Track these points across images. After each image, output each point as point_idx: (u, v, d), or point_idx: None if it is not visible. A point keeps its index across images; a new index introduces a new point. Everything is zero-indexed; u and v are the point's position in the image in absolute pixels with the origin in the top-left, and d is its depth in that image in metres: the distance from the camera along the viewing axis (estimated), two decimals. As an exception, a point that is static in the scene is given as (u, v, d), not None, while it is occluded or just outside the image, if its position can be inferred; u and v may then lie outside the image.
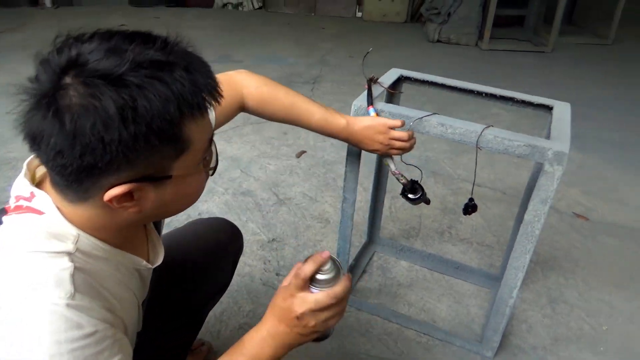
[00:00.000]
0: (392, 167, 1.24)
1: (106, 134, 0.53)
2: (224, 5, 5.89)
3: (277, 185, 2.27)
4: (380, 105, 1.24)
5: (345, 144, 1.26)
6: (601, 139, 2.91)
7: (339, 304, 0.71)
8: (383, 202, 1.81)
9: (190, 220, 1.24)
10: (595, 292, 1.74)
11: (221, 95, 0.63)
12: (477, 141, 1.14)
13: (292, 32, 5.02)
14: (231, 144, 2.63)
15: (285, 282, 0.73)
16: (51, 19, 5.17)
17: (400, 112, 1.19)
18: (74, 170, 0.56)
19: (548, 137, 1.27)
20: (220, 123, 0.97)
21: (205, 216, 2.02)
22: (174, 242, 1.03)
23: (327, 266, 0.72)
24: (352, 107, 1.25)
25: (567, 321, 1.61)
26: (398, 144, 1.14)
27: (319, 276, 0.71)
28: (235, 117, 1.10)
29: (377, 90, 1.28)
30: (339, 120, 1.13)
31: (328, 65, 3.92)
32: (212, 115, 0.88)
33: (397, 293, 1.68)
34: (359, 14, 5.77)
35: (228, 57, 4.13)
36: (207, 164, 0.68)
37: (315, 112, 1.11)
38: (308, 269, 0.70)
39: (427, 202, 1.31)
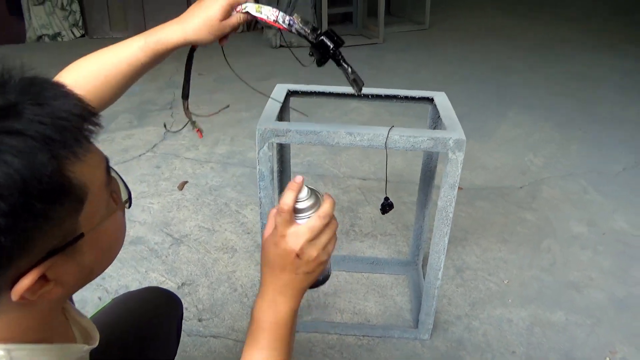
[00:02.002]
0: (272, 14, 0.91)
1: None
2: (39, 38, 5.26)
3: (167, 224, 2.11)
4: (290, 126, 1.22)
5: (229, 163, 1.21)
6: (449, 114, 3.25)
7: (331, 225, 0.68)
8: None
9: (115, 296, 1.09)
10: (489, 252, 1.95)
11: (94, 114, 0.51)
12: (385, 143, 1.19)
13: (128, 57, 4.68)
14: (100, 191, 2.37)
15: (267, 232, 0.68)
16: None
17: (309, 128, 1.19)
18: None
19: (433, 126, 1.39)
20: None
21: (97, 278, 1.79)
22: (106, 326, 0.89)
23: (305, 192, 0.67)
24: (257, 131, 1.21)
25: (475, 285, 1.79)
26: None
27: (300, 205, 0.66)
28: None
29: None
30: (165, 37, 0.89)
31: (180, 87, 3.75)
32: None
33: (326, 303, 1.69)
34: (194, 29, 5.62)
35: (63, 95, 3.69)
36: (117, 199, 0.57)
37: (134, 50, 0.87)
38: (289, 198, 0.64)
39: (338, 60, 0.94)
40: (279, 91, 1.43)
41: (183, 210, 2.20)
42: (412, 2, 5.84)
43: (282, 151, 1.58)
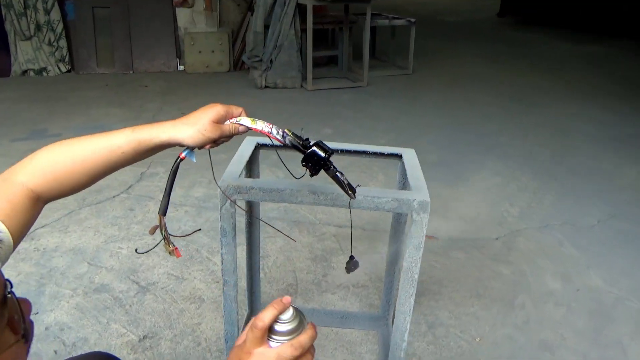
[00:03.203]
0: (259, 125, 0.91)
1: None
2: (24, 72, 5.26)
3: (135, 271, 2.05)
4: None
5: (204, 207, 1.17)
6: (426, 161, 3.25)
7: (305, 357, 0.62)
8: (259, 268, 1.75)
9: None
10: (462, 308, 1.91)
11: None
12: (349, 204, 1.17)
13: (111, 94, 4.70)
14: (69, 233, 2.31)
15: (239, 341, 0.63)
16: None
17: (272, 187, 1.17)
18: None
19: (402, 184, 1.38)
20: (18, 232, 0.74)
21: (55, 328, 1.73)
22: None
23: (289, 314, 0.62)
24: (219, 187, 1.18)
25: (447, 343, 1.74)
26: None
27: (279, 327, 0.62)
28: (66, 201, 0.91)
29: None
30: (154, 132, 0.84)
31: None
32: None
33: (292, 361, 1.63)
34: (180, 67, 5.68)
35: (43, 132, 3.67)
36: (17, 328, 0.49)
37: (119, 140, 0.83)
38: (266, 317, 0.60)
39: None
40: (247, 145, 1.42)
41: (152, 256, 2.14)
42: (396, 47, 5.99)
43: (251, 202, 1.55)
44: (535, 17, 9.91)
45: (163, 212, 0.89)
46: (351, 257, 1.31)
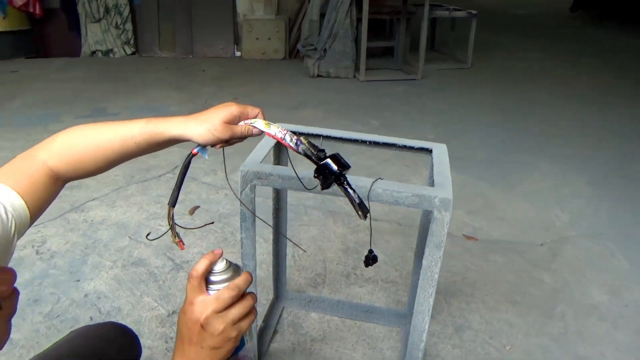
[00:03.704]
0: (273, 129, 0.88)
1: None
2: (93, 53, 5.56)
3: (171, 248, 2.12)
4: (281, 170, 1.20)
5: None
6: (474, 159, 3.16)
7: (245, 300, 0.66)
8: (285, 254, 1.76)
9: (77, 328, 1.08)
10: (494, 313, 1.84)
11: None
12: (367, 196, 1.15)
13: (171, 77, 4.87)
14: (115, 208, 2.42)
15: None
16: None
17: (291, 174, 1.16)
18: None
19: (432, 181, 1.33)
20: (36, 208, 0.78)
21: (93, 296, 1.83)
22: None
23: (222, 265, 0.67)
24: (240, 172, 1.19)
25: (474, 348, 1.68)
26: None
27: (214, 277, 0.66)
28: (117, 177, 0.96)
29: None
30: (165, 126, 0.84)
31: (211, 102, 3.84)
32: (13, 203, 0.74)
33: (311, 350, 1.63)
34: (238, 54, 5.79)
35: (103, 110, 3.87)
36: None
37: (133, 130, 0.84)
38: (200, 267, 0.64)
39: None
40: (276, 131, 1.42)
41: (189, 235, 2.21)
42: (456, 40, 5.79)
43: (279, 190, 1.56)
44: (610, 13, 9.26)
45: (172, 203, 0.90)
46: (370, 251, 1.29)
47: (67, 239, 2.16)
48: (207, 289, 0.65)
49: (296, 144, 0.88)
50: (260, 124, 0.88)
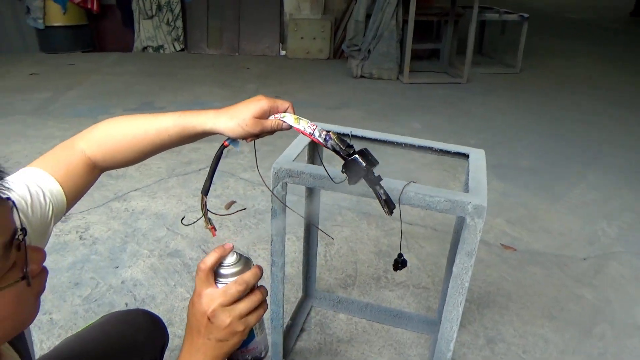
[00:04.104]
0: (301, 124, 0.87)
1: None
2: (144, 48, 5.76)
3: (206, 242, 2.17)
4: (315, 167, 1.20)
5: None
6: (518, 168, 3.06)
7: (253, 295, 0.66)
8: (316, 252, 1.76)
9: (107, 313, 1.12)
10: (529, 327, 1.77)
11: None
12: (399, 199, 1.13)
13: (216, 74, 4.97)
14: (155, 199, 2.50)
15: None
16: (-50, 71, 4.80)
17: (323, 173, 1.16)
18: None
19: (467, 187, 1.29)
20: (73, 194, 0.82)
21: (130, 283, 1.89)
22: (83, 347, 0.92)
23: (232, 258, 0.67)
24: (272, 169, 1.20)
25: (505, 360, 1.62)
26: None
27: (224, 271, 0.66)
28: (159, 170, 0.99)
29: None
30: (197, 119, 0.87)
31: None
32: (52, 189, 0.77)
33: (337, 350, 1.62)
34: (282, 52, 5.85)
35: (151, 103, 3.99)
36: (18, 274, 0.53)
37: (167, 123, 0.86)
38: (209, 260, 0.65)
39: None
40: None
41: (224, 230, 2.25)
42: (506, 44, 5.63)
43: (312, 189, 1.56)
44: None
45: (205, 192, 0.92)
46: (400, 255, 1.27)
47: (109, 226, 2.25)
48: (216, 282, 0.66)
49: (325, 139, 0.88)
50: (289, 118, 0.89)
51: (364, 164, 0.86)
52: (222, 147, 0.92)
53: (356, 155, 0.86)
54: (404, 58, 4.76)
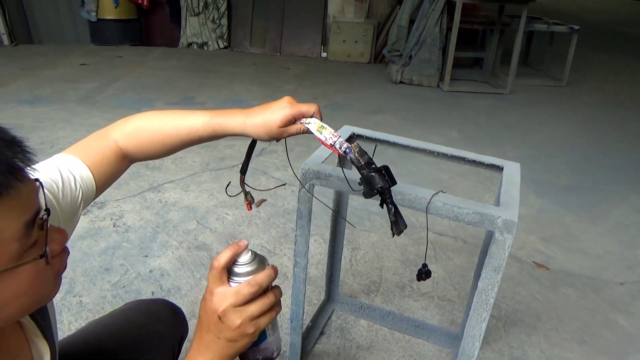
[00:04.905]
0: (325, 134, 0.87)
1: None
2: (189, 44, 5.89)
3: (234, 237, 2.19)
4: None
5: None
6: (558, 184, 2.95)
7: (266, 297, 0.65)
8: (341, 256, 1.75)
9: (131, 301, 1.15)
10: (557, 350, 1.70)
11: (26, 165, 0.51)
12: (426, 208, 1.11)
13: (256, 72, 5.03)
14: (188, 192, 2.55)
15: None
16: (7, 57, 5.04)
17: (351, 178, 1.15)
18: None
19: (498, 200, 1.25)
20: (102, 181, 0.85)
21: (157, 273, 1.93)
22: (104, 331, 0.94)
23: (247, 257, 0.66)
24: (300, 170, 1.20)
25: (529, 382, 1.57)
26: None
27: (238, 269, 0.65)
28: (194, 163, 1.02)
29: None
30: (227, 122, 0.88)
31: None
32: (82, 175, 0.80)
33: (356, 357, 1.61)
34: (323, 55, 5.86)
35: (191, 99, 4.08)
36: (38, 252, 0.54)
37: (198, 123, 0.88)
38: (222, 257, 0.64)
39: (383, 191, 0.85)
40: (343, 132, 1.41)
41: (252, 227, 2.27)
42: (553, 56, 5.46)
43: (340, 192, 1.55)
44: None
45: (243, 171, 1.00)
46: (424, 265, 1.25)
47: (141, 215, 2.31)
48: (229, 280, 0.65)
49: (345, 152, 0.88)
50: (313, 126, 0.89)
51: (380, 184, 0.85)
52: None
53: (374, 174, 0.86)
54: (445, 65, 4.69)
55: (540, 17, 5.29)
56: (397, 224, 0.87)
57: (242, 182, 1.02)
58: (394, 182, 0.87)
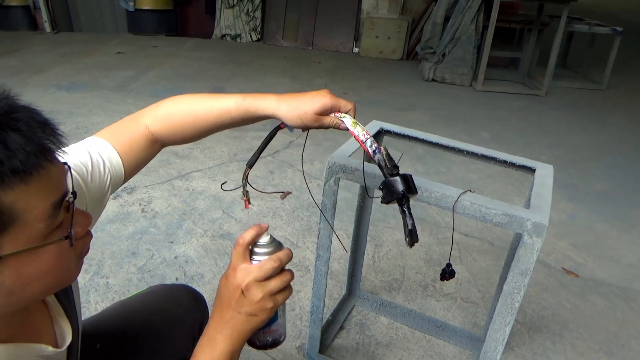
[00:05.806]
0: (359, 130, 0.88)
1: None
2: (223, 36, 5.94)
3: (258, 228, 2.20)
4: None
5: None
6: (591, 190, 2.86)
7: (284, 275, 0.69)
8: (364, 252, 1.74)
9: (154, 285, 1.17)
10: (583, 359, 1.65)
11: (57, 147, 0.52)
12: (453, 207, 1.09)
13: (287, 65, 5.04)
14: (215, 181, 2.57)
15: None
16: (48, 44, 5.20)
17: (377, 172, 1.14)
18: None
19: (529, 203, 1.22)
20: (132, 167, 0.85)
21: (182, 259, 1.96)
22: (127, 314, 0.96)
23: (266, 238, 0.71)
24: (326, 163, 1.20)
25: (552, 391, 1.53)
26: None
27: (259, 249, 0.69)
28: (222, 153, 1.01)
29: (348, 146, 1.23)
30: (259, 102, 0.87)
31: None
32: (112, 159, 0.81)
33: (374, 353, 1.60)
34: (355, 50, 5.83)
35: (222, 89, 4.12)
36: (63, 233, 0.55)
37: (230, 103, 0.87)
38: (247, 235, 0.68)
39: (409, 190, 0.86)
40: (372, 127, 1.40)
41: (277, 219, 2.28)
42: (594, 58, 5.28)
43: (366, 186, 1.53)
44: None
45: (250, 165, 0.94)
46: (448, 265, 1.23)
47: (169, 202, 2.34)
48: (250, 259, 0.68)
49: (374, 151, 0.88)
50: (348, 121, 0.88)
51: (400, 189, 0.85)
52: (278, 127, 0.93)
53: (397, 178, 0.85)
54: (479, 64, 4.59)
55: (582, 17, 5.12)
56: (412, 235, 0.86)
57: (245, 177, 0.98)
58: (416, 191, 0.87)
